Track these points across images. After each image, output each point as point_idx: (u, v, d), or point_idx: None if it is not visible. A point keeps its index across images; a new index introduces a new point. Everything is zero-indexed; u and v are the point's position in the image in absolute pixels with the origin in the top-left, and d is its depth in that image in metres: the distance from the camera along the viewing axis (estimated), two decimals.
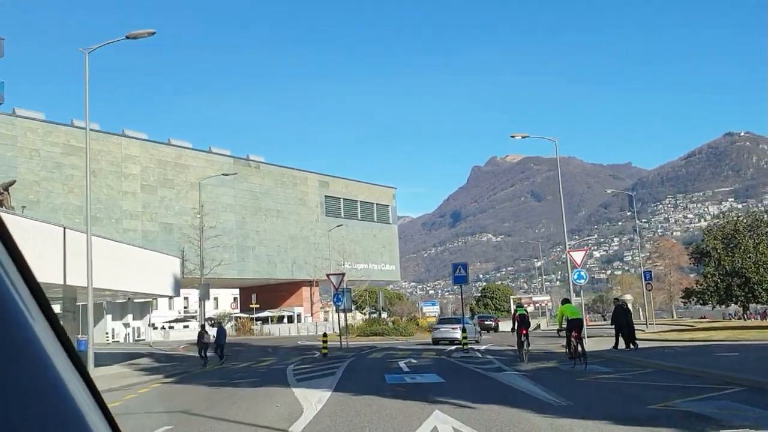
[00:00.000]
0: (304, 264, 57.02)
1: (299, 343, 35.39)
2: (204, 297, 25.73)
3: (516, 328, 17.94)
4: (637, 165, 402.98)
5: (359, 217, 65.41)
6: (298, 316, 61.12)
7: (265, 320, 61.90)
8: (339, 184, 64.14)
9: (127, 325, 51.70)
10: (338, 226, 51.73)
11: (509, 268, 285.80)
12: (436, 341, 27.03)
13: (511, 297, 65.72)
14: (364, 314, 57.88)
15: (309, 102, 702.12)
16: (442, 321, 30.97)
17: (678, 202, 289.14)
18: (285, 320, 62.44)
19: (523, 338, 17.18)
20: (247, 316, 62.77)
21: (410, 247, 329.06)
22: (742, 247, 33.32)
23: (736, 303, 37.68)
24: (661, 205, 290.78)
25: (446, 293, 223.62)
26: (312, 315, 60.78)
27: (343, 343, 26.37)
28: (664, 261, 78.58)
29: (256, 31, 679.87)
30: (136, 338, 50.30)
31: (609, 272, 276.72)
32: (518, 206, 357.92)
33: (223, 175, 31.87)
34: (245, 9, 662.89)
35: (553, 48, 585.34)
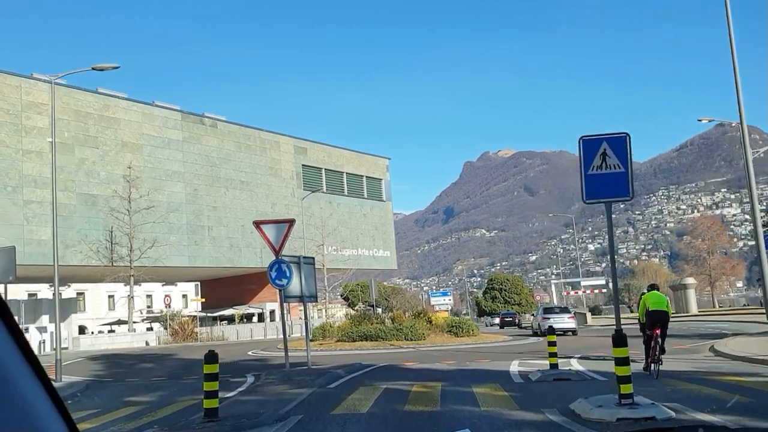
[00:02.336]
0: None
1: (250, 353, 23.50)
2: (5, 278, 13.30)
3: (644, 323, 12.03)
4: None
5: (346, 193, 53.37)
6: (271, 313, 49.18)
7: (229, 320, 50.04)
8: (319, 152, 52.00)
9: (42, 330, 39.56)
10: (314, 191, 39.96)
11: (504, 263, 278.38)
12: (552, 332, 19.60)
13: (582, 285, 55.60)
14: (357, 311, 45.63)
15: (297, 100, 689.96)
16: (548, 311, 30.14)
17: (671, 193, 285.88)
18: (255, 319, 50.58)
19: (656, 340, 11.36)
20: (209, 315, 51.09)
21: (403, 244, 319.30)
22: None
23: None
24: (654, 197, 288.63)
25: (441, 289, 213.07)
26: (288, 312, 48.68)
27: (298, 358, 14.64)
28: (704, 241, 67.34)
29: (249, 29, 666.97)
30: (57, 346, 38.24)
31: (604, 265, 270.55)
32: (511, 201, 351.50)
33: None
34: (242, 8, 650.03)
35: (542, 44, 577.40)
